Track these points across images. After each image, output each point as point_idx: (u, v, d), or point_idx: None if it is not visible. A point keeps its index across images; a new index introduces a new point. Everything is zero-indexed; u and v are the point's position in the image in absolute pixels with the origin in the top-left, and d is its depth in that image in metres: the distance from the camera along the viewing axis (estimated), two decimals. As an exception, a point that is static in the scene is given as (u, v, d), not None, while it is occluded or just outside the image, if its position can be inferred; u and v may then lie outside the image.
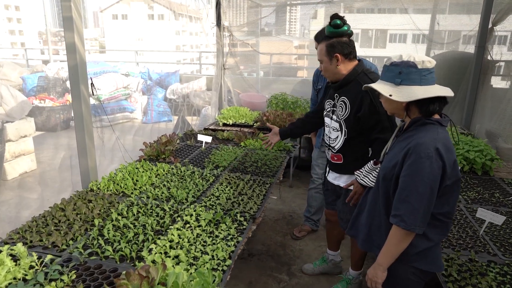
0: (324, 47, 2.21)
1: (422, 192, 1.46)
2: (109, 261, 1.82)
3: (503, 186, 2.92)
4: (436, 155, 1.45)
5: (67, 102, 6.95)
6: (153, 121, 7.64)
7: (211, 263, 1.80)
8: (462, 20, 4.82)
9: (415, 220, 1.47)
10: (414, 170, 1.48)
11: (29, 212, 3.89)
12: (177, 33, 37.64)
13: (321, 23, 7.99)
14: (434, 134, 1.50)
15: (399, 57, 1.55)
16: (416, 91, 1.49)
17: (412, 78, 1.50)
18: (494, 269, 1.83)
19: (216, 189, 2.65)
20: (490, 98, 4.55)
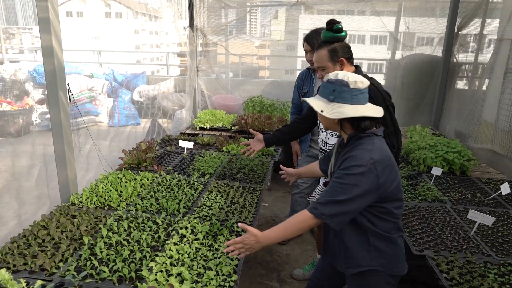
0: (327, 52, 2.13)
1: (346, 197, 1.49)
2: (106, 283, 1.69)
3: (481, 185, 3.05)
4: (371, 164, 1.49)
5: (26, 106, 6.49)
6: (120, 125, 7.32)
7: (216, 279, 1.72)
8: (430, 24, 5.02)
9: (327, 211, 1.52)
10: (343, 174, 1.54)
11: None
12: (136, 32, 36.46)
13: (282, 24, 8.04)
14: (370, 145, 1.55)
15: (335, 75, 1.59)
16: (346, 109, 1.55)
17: (344, 97, 1.55)
18: (492, 270, 1.90)
19: (206, 198, 2.56)
20: (457, 100, 4.78)
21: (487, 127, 3.98)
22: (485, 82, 4.17)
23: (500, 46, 3.84)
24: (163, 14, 7.99)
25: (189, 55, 4.89)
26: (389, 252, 1.64)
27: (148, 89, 8.01)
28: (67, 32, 22.12)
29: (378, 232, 1.62)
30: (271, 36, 9.34)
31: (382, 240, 1.63)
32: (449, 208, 2.62)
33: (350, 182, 1.50)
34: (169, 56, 9.28)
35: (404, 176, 3.19)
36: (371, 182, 1.49)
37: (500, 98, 3.75)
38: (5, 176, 4.93)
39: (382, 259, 1.64)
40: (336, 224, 1.53)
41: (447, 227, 2.34)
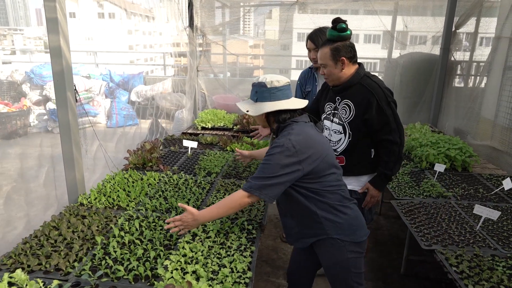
0: (329, 51, 2.21)
1: (268, 173, 1.70)
2: (122, 282, 1.70)
3: (483, 181, 3.10)
4: (288, 144, 1.69)
5: (24, 107, 6.45)
6: (119, 125, 7.31)
7: (231, 276, 1.73)
8: (428, 23, 5.08)
9: (255, 186, 1.73)
10: (266, 157, 1.76)
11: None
12: (129, 33, 36.34)
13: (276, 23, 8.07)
14: (289, 130, 1.77)
15: (258, 79, 1.83)
16: (265, 106, 1.79)
17: (264, 96, 1.80)
18: (500, 263, 1.94)
19: (214, 197, 2.58)
20: (455, 97, 4.84)
21: (486, 124, 4.04)
22: (484, 79, 4.23)
23: (498, 44, 3.90)
24: (156, 14, 7.96)
25: (190, 55, 4.89)
26: (341, 221, 1.80)
27: (146, 89, 8.00)
28: (61, 32, 21.41)
29: (323, 205, 1.80)
30: (265, 36, 9.36)
31: (330, 212, 1.80)
32: (453, 203, 2.66)
33: (272, 161, 1.71)
34: (165, 57, 9.27)
35: (407, 173, 3.23)
36: (290, 158, 1.69)
37: (499, 95, 3.81)
38: (3, 178, 4.90)
39: (336, 228, 1.81)
40: (266, 197, 1.73)
41: (453, 222, 2.37)
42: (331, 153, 1.85)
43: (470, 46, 4.86)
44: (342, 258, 1.85)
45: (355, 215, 1.86)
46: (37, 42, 58.66)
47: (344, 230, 1.81)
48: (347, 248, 1.83)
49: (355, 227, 1.84)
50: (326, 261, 1.94)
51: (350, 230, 1.82)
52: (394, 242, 3.57)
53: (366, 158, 2.34)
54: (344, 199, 1.84)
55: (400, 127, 2.22)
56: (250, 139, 3.83)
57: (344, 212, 1.81)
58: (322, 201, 1.79)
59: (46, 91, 6.77)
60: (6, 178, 5.04)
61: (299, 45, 14.16)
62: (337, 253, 1.85)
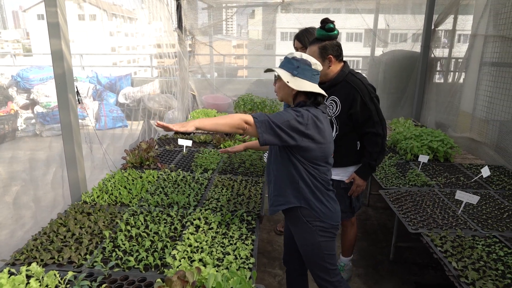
0: (317, 49, 2.34)
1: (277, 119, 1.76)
2: (133, 271, 1.80)
3: (464, 170, 3.31)
4: (306, 114, 1.78)
5: (11, 111, 6.41)
6: (107, 128, 7.32)
7: (236, 262, 1.86)
8: (409, 21, 5.30)
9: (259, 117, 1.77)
10: (284, 110, 1.84)
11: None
12: (111, 34, 35.90)
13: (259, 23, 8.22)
14: (308, 108, 1.86)
15: (300, 55, 1.88)
16: (306, 84, 1.85)
17: (306, 74, 1.85)
18: (480, 242, 2.12)
19: (213, 191, 2.70)
20: (435, 92, 5.07)
21: (465, 117, 4.27)
22: (462, 75, 4.46)
23: (474, 42, 4.13)
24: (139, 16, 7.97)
25: (180, 56, 4.98)
26: (316, 205, 1.92)
27: (134, 91, 8.03)
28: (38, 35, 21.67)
29: (307, 183, 1.90)
30: (248, 36, 9.48)
31: (310, 192, 1.91)
32: (437, 191, 2.85)
33: (285, 116, 1.78)
34: (152, 58, 9.29)
35: (393, 164, 3.41)
36: (298, 125, 1.76)
37: (476, 89, 4.04)
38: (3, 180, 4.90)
39: (309, 209, 1.92)
40: (260, 134, 1.75)
41: (437, 208, 2.56)
42: (329, 149, 1.93)
43: (449, 43, 5.10)
44: (314, 241, 1.96)
45: (328, 206, 1.95)
46: (14, 45, 57.31)
47: (316, 213, 1.92)
48: (317, 233, 1.94)
49: (326, 215, 1.94)
50: (299, 241, 2.04)
51: (322, 215, 1.93)
52: (383, 231, 3.75)
53: (352, 150, 2.50)
54: (326, 190, 1.95)
55: (382, 120, 2.38)
56: (241, 137, 3.95)
57: (319, 200, 1.92)
58: (308, 180, 1.90)
59: (34, 94, 6.74)
60: (2, 180, 5.04)
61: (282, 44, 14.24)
62: (308, 236, 1.97)
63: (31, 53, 35.08)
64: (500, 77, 3.56)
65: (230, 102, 5.83)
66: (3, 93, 6.90)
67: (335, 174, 2.52)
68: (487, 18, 3.85)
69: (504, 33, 3.51)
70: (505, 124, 3.48)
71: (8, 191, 4.69)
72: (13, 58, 9.42)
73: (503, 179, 3.09)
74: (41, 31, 37.93)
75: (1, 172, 5.33)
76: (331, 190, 1.99)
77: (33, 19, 38.87)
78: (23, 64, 9.23)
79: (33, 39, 40.01)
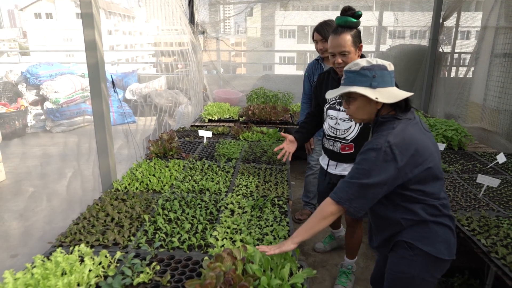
0: (351, 37, 2.20)
1: (364, 182, 1.49)
2: (178, 251, 1.87)
3: (478, 158, 3.40)
4: (386, 147, 1.47)
5: (21, 108, 6.44)
6: (116, 123, 7.36)
7: (275, 242, 1.94)
8: (418, 16, 5.38)
9: (348, 197, 1.52)
10: (360, 159, 1.55)
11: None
12: (109, 33, 35.91)
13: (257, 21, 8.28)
14: (389, 129, 1.53)
15: (366, 62, 1.58)
16: (395, 92, 1.55)
17: (386, 81, 1.55)
18: (504, 222, 2.21)
19: (240, 179, 2.77)
20: (444, 85, 5.16)
21: (476, 108, 4.36)
22: (472, 67, 4.55)
23: (485, 34, 4.22)
24: (136, 14, 8.02)
25: (195, 49, 5.04)
26: (422, 230, 1.60)
27: (141, 87, 8.08)
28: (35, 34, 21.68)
29: (412, 220, 1.59)
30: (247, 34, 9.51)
31: (414, 222, 1.60)
32: (456, 177, 2.94)
33: (366, 167, 1.49)
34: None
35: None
36: (388, 164, 1.47)
37: (487, 80, 4.13)
38: (11, 176, 4.96)
39: (413, 232, 1.61)
40: (354, 210, 1.52)
41: (458, 192, 2.64)
42: (437, 161, 1.59)
43: (456, 37, 5.19)
44: (408, 270, 1.63)
45: (443, 233, 1.61)
46: (11, 45, 56.90)
47: (421, 236, 1.60)
48: (417, 260, 1.60)
49: (436, 240, 1.59)
50: (390, 267, 1.73)
51: (429, 239, 1.59)
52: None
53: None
54: (439, 214, 1.60)
55: None
56: (259, 128, 4.03)
57: (431, 228, 1.59)
58: (410, 211, 1.59)
59: (43, 90, 6.77)
60: (14, 176, 5.10)
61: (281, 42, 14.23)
62: (403, 261, 1.64)
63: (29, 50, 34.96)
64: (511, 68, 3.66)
65: (240, 96, 5.90)
66: (13, 90, 6.93)
67: None
68: (498, 11, 3.94)
69: (516, 24, 3.60)
70: (517, 113, 3.58)
71: (27, 184, 4.75)
72: (18, 56, 9.42)
73: (518, 166, 3.18)
74: (38, 29, 37.83)
75: (16, 166, 5.37)
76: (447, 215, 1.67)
77: (30, 17, 38.71)
78: (27, 61, 9.24)
79: (30, 38, 39.86)
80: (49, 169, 5.01)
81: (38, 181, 4.83)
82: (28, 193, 4.30)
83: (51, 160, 5.31)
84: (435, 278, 1.64)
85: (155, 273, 1.69)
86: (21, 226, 3.71)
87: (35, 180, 4.84)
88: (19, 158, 5.82)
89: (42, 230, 3.42)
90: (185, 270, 1.72)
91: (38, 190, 4.35)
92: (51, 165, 5.28)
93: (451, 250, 1.62)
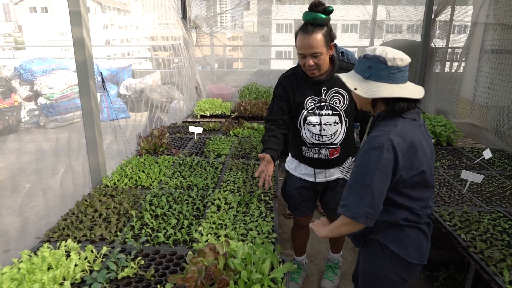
0: (322, 37, 1.99)
1: (368, 183, 1.44)
2: (163, 246, 1.91)
3: (466, 153, 3.45)
4: (388, 145, 1.42)
5: (15, 103, 6.44)
6: (110, 119, 7.37)
7: (259, 237, 1.98)
8: (409, 11, 5.40)
9: (360, 211, 1.46)
10: (362, 160, 1.49)
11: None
12: (105, 27, 35.70)
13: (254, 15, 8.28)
14: (391, 127, 1.47)
15: (372, 50, 1.51)
16: (381, 89, 1.45)
17: (380, 75, 1.46)
18: (485, 217, 2.25)
19: (229, 174, 2.80)
20: (435, 80, 5.19)
21: (465, 103, 4.40)
22: (462, 63, 4.58)
23: (475, 30, 4.24)
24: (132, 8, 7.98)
25: (187, 44, 5.05)
26: (396, 233, 1.61)
27: (135, 82, 8.07)
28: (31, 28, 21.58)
29: (389, 222, 1.59)
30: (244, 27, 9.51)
31: (389, 225, 1.61)
32: (442, 172, 2.98)
33: (371, 167, 1.44)
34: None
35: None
36: (390, 163, 1.44)
37: (476, 76, 4.17)
38: (4, 173, 4.98)
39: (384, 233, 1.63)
40: (367, 222, 1.47)
41: (443, 187, 2.69)
42: (431, 168, 1.57)
43: (448, 32, 5.21)
44: (377, 270, 1.66)
45: (416, 238, 1.61)
46: (6, 39, 56.44)
47: (394, 238, 1.60)
48: (386, 260, 1.62)
49: (408, 243, 1.60)
50: (361, 266, 1.78)
51: (401, 241, 1.59)
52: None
53: (353, 141, 2.36)
54: (418, 220, 1.59)
55: None
56: (250, 124, 4.05)
57: (405, 232, 1.60)
58: (391, 214, 1.58)
59: (37, 86, 6.77)
60: (8, 172, 5.12)
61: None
62: (373, 261, 1.67)
63: (24, 45, 34.66)
64: (500, 64, 3.69)
65: (233, 91, 5.92)
66: (6, 85, 6.92)
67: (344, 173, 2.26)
68: (487, 7, 3.96)
69: (504, 20, 3.63)
70: (505, 109, 3.61)
71: (20, 180, 4.77)
72: (12, 51, 9.38)
73: (503, 161, 3.23)
74: (33, 23, 37.50)
75: (10, 162, 5.39)
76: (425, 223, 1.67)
77: (25, 11, 38.40)
78: (22, 56, 9.22)
79: (25, 32, 39.57)
80: (42, 164, 5.03)
81: (32, 177, 4.85)
82: (23, 188, 4.33)
83: (45, 156, 5.33)
84: (403, 280, 1.65)
85: (140, 268, 1.73)
86: (15, 221, 3.74)
87: (30, 176, 4.86)
88: (13, 154, 5.83)
89: (37, 225, 3.46)
90: (169, 264, 1.76)
91: (33, 185, 4.37)
92: (45, 160, 5.29)
93: (421, 255, 1.62)
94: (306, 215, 2.56)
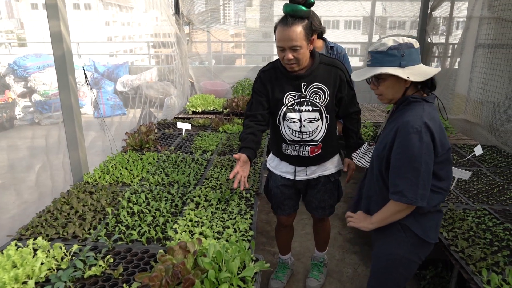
0: (303, 30, 1.91)
1: (417, 167, 1.49)
2: (136, 244, 1.87)
3: (458, 150, 3.38)
4: (425, 128, 1.48)
5: (9, 100, 6.42)
6: (106, 115, 7.35)
7: (235, 235, 1.93)
8: (406, 6, 5.31)
9: (415, 194, 1.50)
10: (405, 146, 1.51)
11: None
12: (107, 24, 35.66)
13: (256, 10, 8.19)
14: (419, 111, 1.52)
15: (394, 41, 1.54)
16: (424, 69, 1.54)
17: (414, 58, 1.53)
18: (470, 214, 2.20)
19: (212, 171, 2.76)
20: (431, 76, 5.11)
21: (460, 99, 4.33)
22: (457, 58, 4.50)
23: (470, 24, 4.16)
24: (134, 5, 7.93)
25: (179, 40, 5.00)
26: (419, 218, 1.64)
27: (132, 79, 8.04)
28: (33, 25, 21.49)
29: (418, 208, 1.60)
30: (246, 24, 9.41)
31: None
32: (431, 169, 2.92)
33: (416, 152, 1.48)
34: (149, 46, 9.28)
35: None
36: (430, 146, 1.48)
37: (471, 72, 4.09)
38: (0, 168, 4.96)
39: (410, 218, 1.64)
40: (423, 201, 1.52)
41: (430, 185, 2.63)
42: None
43: (444, 27, 5.13)
44: (397, 251, 1.68)
45: (436, 218, 1.69)
46: (9, 36, 56.49)
47: (416, 220, 1.63)
48: (408, 242, 1.65)
49: (428, 224, 1.65)
50: (379, 249, 1.78)
51: (423, 223, 1.64)
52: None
53: (335, 138, 2.28)
54: (438, 204, 1.66)
55: None
56: (240, 120, 4.00)
57: (427, 214, 1.64)
58: None
59: (31, 82, 6.74)
60: (3, 168, 5.10)
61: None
62: (393, 243, 1.69)
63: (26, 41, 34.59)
64: (494, 59, 3.61)
65: (228, 88, 5.86)
66: (0, 82, 6.90)
67: (325, 169, 2.29)
68: (482, 1, 3.88)
69: (499, 14, 3.55)
70: (498, 105, 3.54)
71: (10, 177, 4.75)
72: (8, 47, 9.37)
73: (495, 158, 3.16)
74: (35, 20, 37.49)
75: (2, 159, 5.37)
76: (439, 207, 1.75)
77: (27, 8, 38.36)
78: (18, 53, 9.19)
79: (27, 29, 39.52)
80: (34, 161, 4.99)
81: (22, 174, 4.82)
82: (12, 186, 4.31)
83: (38, 153, 5.27)
84: (420, 260, 1.69)
85: (109, 266, 1.68)
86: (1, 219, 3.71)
87: (20, 173, 4.83)
88: (5, 151, 5.81)
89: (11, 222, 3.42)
90: (139, 263, 1.72)
91: (26, 183, 4.35)
92: (37, 157, 5.25)
93: (437, 234, 1.69)
94: (289, 214, 2.48)
